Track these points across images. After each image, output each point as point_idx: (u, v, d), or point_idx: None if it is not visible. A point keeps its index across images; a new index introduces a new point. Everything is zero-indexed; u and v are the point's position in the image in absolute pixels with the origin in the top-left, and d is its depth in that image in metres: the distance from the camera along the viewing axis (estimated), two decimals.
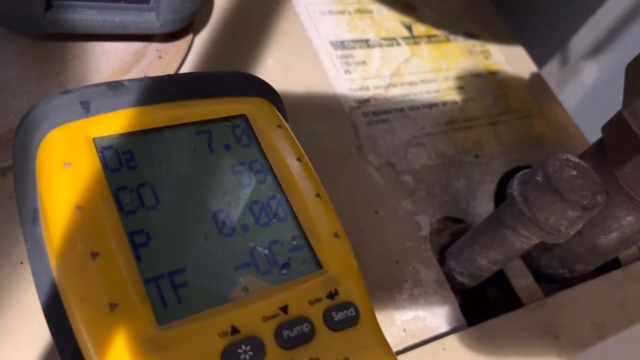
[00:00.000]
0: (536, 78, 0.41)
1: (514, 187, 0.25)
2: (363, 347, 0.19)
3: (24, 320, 0.21)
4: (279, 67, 0.32)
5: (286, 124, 0.23)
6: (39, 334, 0.21)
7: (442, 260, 0.30)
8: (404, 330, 0.27)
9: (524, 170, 0.25)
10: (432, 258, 0.29)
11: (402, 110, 0.34)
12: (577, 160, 0.24)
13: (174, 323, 0.17)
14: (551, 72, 0.57)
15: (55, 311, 0.17)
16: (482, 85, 0.39)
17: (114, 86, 0.20)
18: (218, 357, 0.16)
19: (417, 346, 0.26)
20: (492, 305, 0.31)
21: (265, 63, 0.32)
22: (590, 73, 0.58)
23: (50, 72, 0.26)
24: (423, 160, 0.33)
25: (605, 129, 0.28)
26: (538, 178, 0.23)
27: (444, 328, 0.27)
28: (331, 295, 0.19)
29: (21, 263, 0.22)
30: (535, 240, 0.25)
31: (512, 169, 0.35)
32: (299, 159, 0.22)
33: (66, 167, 0.18)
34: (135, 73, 0.27)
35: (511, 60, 0.41)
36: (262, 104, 0.23)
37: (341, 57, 0.35)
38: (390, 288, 0.28)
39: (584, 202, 0.23)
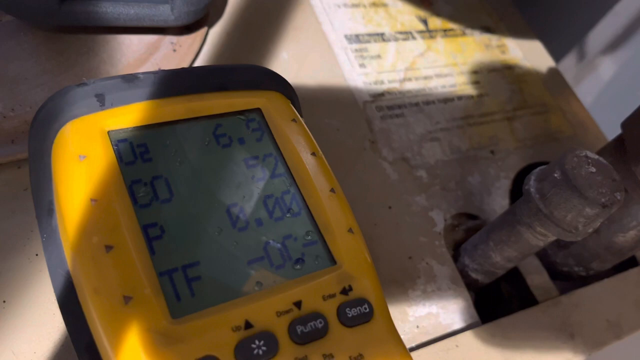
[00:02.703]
0: (553, 73, 0.41)
1: (531, 183, 0.24)
2: (377, 343, 0.18)
3: (38, 311, 0.21)
4: (294, 61, 0.32)
5: (300, 118, 0.23)
6: (54, 326, 0.21)
7: (456, 257, 0.30)
8: (417, 326, 0.26)
9: (541, 167, 0.25)
10: (446, 254, 0.29)
11: (417, 104, 0.34)
12: (596, 156, 0.24)
13: (187, 317, 0.17)
14: (569, 66, 0.56)
15: (69, 303, 0.17)
16: (498, 79, 0.38)
17: (129, 79, 0.20)
18: (231, 352, 0.16)
19: (430, 343, 0.26)
20: (507, 302, 0.30)
21: (280, 57, 0.32)
22: (608, 68, 0.57)
23: (65, 64, 0.26)
24: (438, 155, 0.32)
25: (625, 125, 0.27)
26: (556, 174, 0.23)
27: (457, 325, 0.27)
28: (345, 291, 0.19)
29: (36, 255, 0.22)
30: (552, 238, 0.25)
31: (528, 165, 0.34)
32: (313, 154, 0.22)
33: (81, 159, 0.18)
34: (149, 66, 0.27)
35: (528, 54, 0.41)
36: (277, 98, 0.23)
37: (356, 50, 0.34)
38: (404, 284, 0.27)
39: (603, 200, 0.22)
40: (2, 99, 0.23)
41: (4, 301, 0.20)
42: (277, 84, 0.23)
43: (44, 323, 0.21)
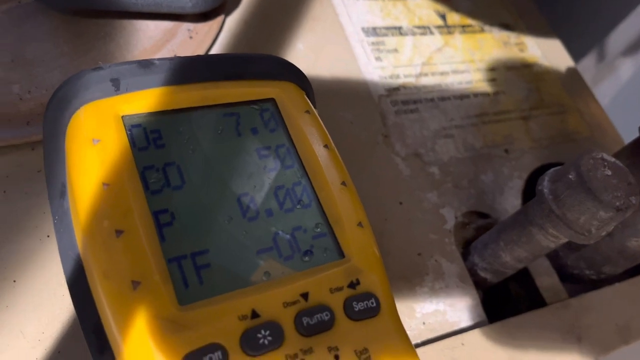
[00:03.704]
0: (572, 73, 0.40)
1: (545, 184, 0.24)
2: (382, 338, 0.18)
3: (47, 292, 0.21)
4: (310, 52, 0.32)
5: (314, 109, 0.23)
6: (63, 307, 0.21)
7: (465, 255, 0.29)
8: (424, 323, 0.26)
9: (556, 167, 0.24)
10: (455, 252, 0.29)
11: (432, 100, 0.34)
12: (612, 159, 0.23)
13: (195, 304, 0.17)
14: (588, 66, 0.55)
15: (79, 286, 0.17)
16: (516, 78, 0.38)
17: (145, 65, 0.20)
18: (237, 340, 0.16)
19: (436, 340, 0.26)
20: (515, 303, 0.30)
21: (296, 47, 0.32)
22: (628, 69, 0.56)
23: (82, 48, 0.26)
24: (451, 152, 0.32)
25: None
26: (570, 176, 0.23)
27: (464, 323, 0.27)
28: (352, 285, 0.19)
29: (48, 236, 0.22)
30: (563, 240, 0.25)
31: (542, 166, 0.34)
32: (325, 146, 0.21)
33: (95, 143, 0.18)
34: (166, 52, 0.27)
35: (547, 53, 0.40)
36: (291, 89, 0.22)
37: (372, 44, 0.34)
38: (412, 280, 0.27)
39: (617, 203, 0.22)
40: (19, 80, 0.24)
41: (14, 281, 0.21)
42: (292, 74, 0.23)
43: (52, 304, 0.21)
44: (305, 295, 0.18)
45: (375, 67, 0.33)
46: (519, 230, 0.26)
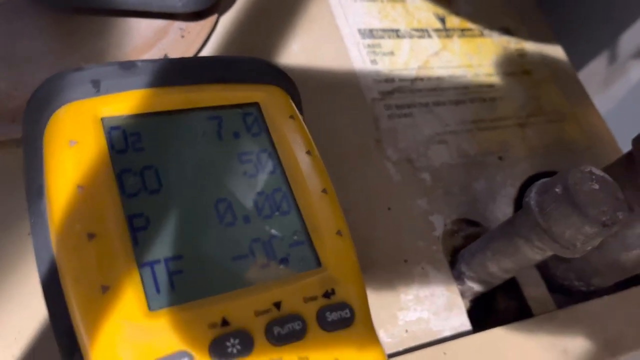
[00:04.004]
0: (573, 80, 0.39)
1: (532, 195, 0.24)
2: (354, 350, 0.18)
3: (24, 292, 0.21)
4: (304, 53, 0.32)
5: (299, 115, 0.22)
6: (38, 309, 0.21)
7: (453, 263, 0.29)
8: (406, 330, 0.26)
9: (544, 180, 0.24)
10: (443, 260, 0.29)
11: (426, 105, 0.33)
12: (601, 173, 0.23)
13: (164, 310, 0.17)
14: (598, 69, 0.54)
15: (52, 288, 0.17)
16: (514, 84, 0.37)
17: (127, 66, 0.20)
18: (206, 349, 0.16)
19: (417, 348, 0.26)
20: (501, 313, 0.30)
21: (290, 48, 0.32)
22: (636, 74, 0.56)
23: (73, 46, 0.26)
24: (444, 158, 0.32)
25: (636, 142, 0.26)
26: (557, 189, 0.22)
27: (447, 332, 0.27)
28: (327, 295, 0.19)
29: (29, 234, 0.22)
30: (549, 253, 0.24)
31: (536, 174, 0.34)
32: (308, 152, 0.21)
33: (72, 145, 0.18)
34: (157, 51, 0.27)
35: (548, 60, 0.40)
36: (276, 93, 0.22)
37: (369, 46, 0.34)
38: (397, 287, 0.27)
39: (603, 219, 0.22)
40: (8, 77, 0.24)
41: None
42: (278, 78, 0.23)
43: (29, 303, 0.21)
44: (277, 304, 0.18)
45: (370, 70, 0.33)
46: (505, 241, 0.26)
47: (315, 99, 0.30)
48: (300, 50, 0.32)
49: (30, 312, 0.21)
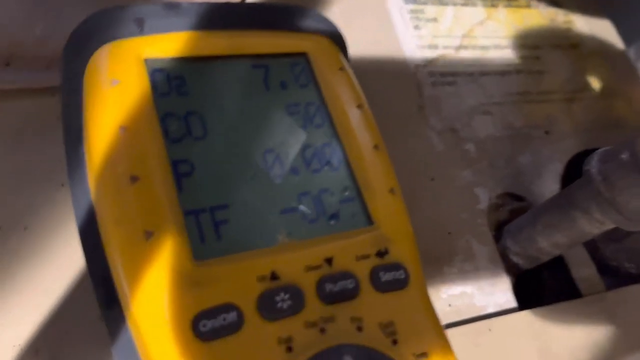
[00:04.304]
0: (621, 56, 0.38)
1: (593, 163, 0.22)
2: (409, 312, 0.17)
3: (58, 242, 0.20)
4: (345, 15, 0.30)
5: (349, 68, 0.21)
6: (73, 258, 0.20)
7: (497, 238, 0.28)
8: (449, 305, 0.25)
9: (607, 147, 0.22)
10: (487, 233, 0.27)
11: (471, 74, 0.32)
12: None
13: (211, 260, 0.16)
14: None
15: (89, 235, 0.16)
16: (561, 57, 0.35)
17: (171, 7, 0.19)
18: (253, 302, 0.15)
19: (461, 323, 0.24)
20: (547, 291, 0.28)
21: (331, 11, 0.30)
22: None
23: None
24: (489, 129, 0.30)
25: None
26: (623, 156, 0.21)
27: (492, 308, 0.26)
28: (380, 254, 0.17)
29: (62, 185, 0.21)
30: (609, 226, 0.23)
31: (584, 151, 0.32)
32: (359, 106, 0.20)
33: (114, 84, 0.17)
34: None
35: (596, 33, 0.38)
36: (326, 44, 0.21)
37: (411, 11, 0.32)
38: (440, 259, 0.26)
39: None
40: (44, 22, 0.22)
41: (25, 228, 0.20)
42: (328, 30, 0.21)
43: (63, 254, 0.20)
44: (329, 260, 0.17)
45: (413, 35, 0.31)
46: (559, 214, 0.24)
47: (355, 62, 0.29)
48: (341, 12, 0.30)
49: (63, 263, 0.20)
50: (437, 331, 0.17)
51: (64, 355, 0.18)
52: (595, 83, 0.35)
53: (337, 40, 0.21)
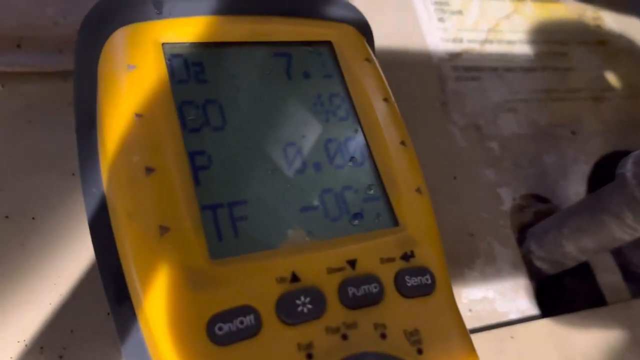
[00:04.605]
0: None
1: (628, 167, 0.21)
2: (435, 320, 0.16)
3: (67, 233, 0.19)
4: (367, 4, 0.29)
5: (375, 58, 0.20)
6: (82, 250, 0.19)
7: (520, 241, 0.27)
8: (470, 310, 0.24)
9: None
10: (510, 236, 0.26)
11: (496, 70, 0.30)
12: None
13: (228, 259, 0.15)
14: None
15: (101, 227, 0.15)
16: (589, 55, 0.34)
17: None
18: (272, 305, 0.14)
19: (482, 330, 0.23)
20: (570, 298, 0.27)
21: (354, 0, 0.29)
22: None
23: None
24: (513, 127, 0.29)
25: None
26: None
27: (514, 315, 0.25)
28: (406, 257, 0.16)
29: (73, 174, 0.20)
30: None
31: (612, 152, 0.31)
32: (385, 99, 0.19)
33: (130, 69, 0.16)
34: None
35: (625, 31, 0.36)
36: (351, 33, 0.20)
37: (436, 3, 0.31)
38: (460, 261, 0.25)
39: None
40: (57, 2, 0.22)
41: (33, 218, 0.19)
42: (353, 17, 0.20)
43: (71, 246, 0.19)
44: (352, 263, 0.16)
45: (437, 28, 0.30)
46: (588, 218, 0.23)
47: (378, 53, 0.28)
48: (362, 2, 0.29)
49: (71, 256, 0.19)
50: (465, 341, 0.16)
51: (70, 352, 0.18)
52: (623, 82, 0.34)
53: (363, 29, 0.20)
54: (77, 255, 0.19)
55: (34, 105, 0.21)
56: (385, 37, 0.29)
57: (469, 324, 0.24)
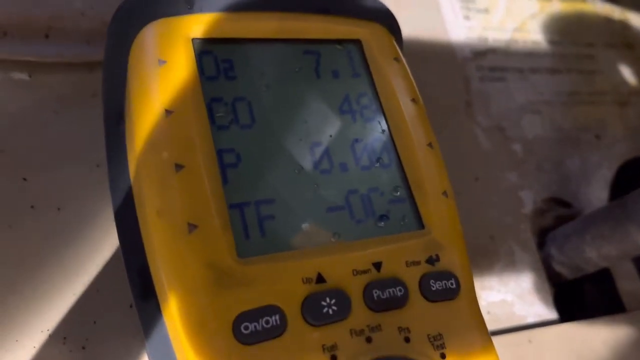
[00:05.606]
0: None
1: None
2: (459, 325, 0.16)
3: (92, 225, 0.19)
4: (392, 1, 0.29)
5: (403, 58, 0.20)
6: (107, 242, 0.19)
7: (541, 245, 0.26)
8: (488, 312, 0.24)
9: None
10: (530, 240, 0.26)
11: (521, 71, 0.30)
12: None
13: (255, 258, 0.15)
14: None
15: (127, 221, 0.15)
16: (615, 58, 0.34)
17: None
18: (298, 306, 0.14)
19: (500, 333, 0.23)
20: (589, 304, 0.27)
21: None
22: None
23: None
24: (537, 130, 0.29)
25: None
26: None
27: (532, 318, 0.24)
28: (431, 261, 0.16)
29: (97, 166, 0.20)
30: None
31: (635, 158, 0.30)
32: (413, 100, 0.19)
33: (160, 65, 0.16)
34: None
35: None
36: (380, 32, 0.20)
37: (462, 0, 0.31)
38: (480, 264, 0.25)
39: None
40: None
41: (59, 209, 0.19)
42: (382, 16, 0.20)
43: (96, 237, 0.19)
44: (377, 265, 0.16)
45: (463, 26, 0.30)
46: (612, 225, 0.23)
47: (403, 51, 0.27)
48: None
49: (95, 248, 0.19)
50: (487, 346, 0.16)
51: (93, 343, 0.18)
52: None
53: (392, 28, 0.20)
54: (102, 247, 0.19)
55: (60, 96, 0.21)
56: (409, 35, 0.28)
57: (487, 326, 0.23)
